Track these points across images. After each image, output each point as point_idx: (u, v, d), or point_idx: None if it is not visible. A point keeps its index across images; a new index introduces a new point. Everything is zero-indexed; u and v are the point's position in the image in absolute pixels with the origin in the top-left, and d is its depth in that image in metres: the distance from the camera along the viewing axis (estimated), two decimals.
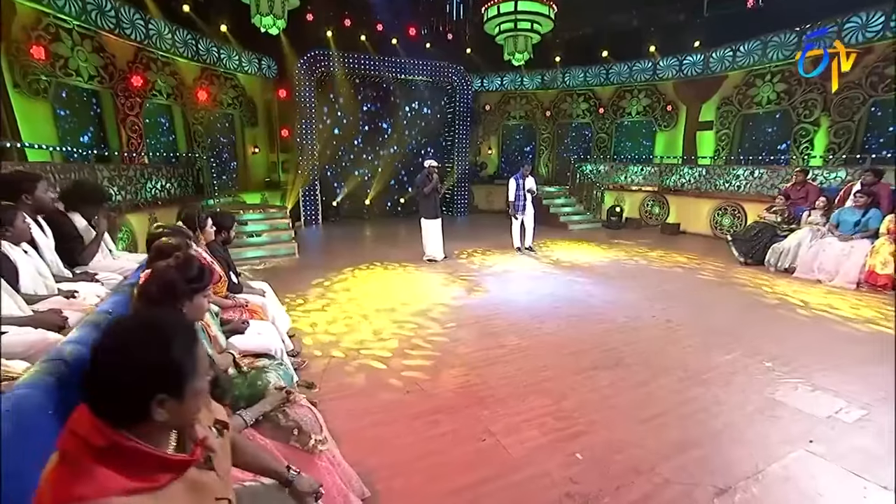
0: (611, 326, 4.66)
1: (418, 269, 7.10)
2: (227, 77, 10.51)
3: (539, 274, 6.79)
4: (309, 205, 11.59)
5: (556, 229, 10.53)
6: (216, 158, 10.70)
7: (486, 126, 14.21)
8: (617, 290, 5.91)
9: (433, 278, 6.51)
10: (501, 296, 5.70)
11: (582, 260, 7.67)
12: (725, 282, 6.26)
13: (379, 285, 6.13)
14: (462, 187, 13.37)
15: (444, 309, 5.21)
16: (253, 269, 7.08)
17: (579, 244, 8.86)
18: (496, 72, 13.42)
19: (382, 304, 5.33)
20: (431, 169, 7.07)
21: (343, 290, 5.93)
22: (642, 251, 8.41)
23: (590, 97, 12.99)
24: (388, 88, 12.43)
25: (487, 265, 7.28)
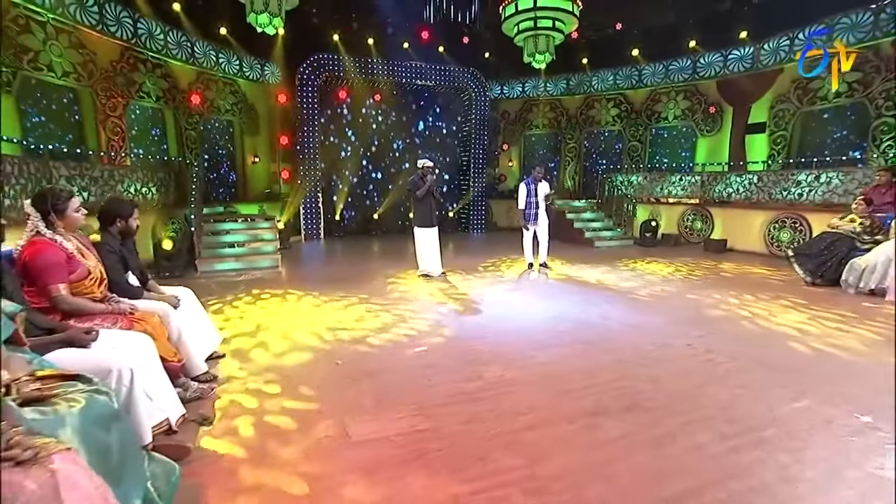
0: (628, 356, 3.64)
1: (406, 284, 6.29)
2: (225, 82, 10.30)
3: (549, 292, 5.84)
4: (310, 218, 11.23)
5: (580, 246, 9.75)
6: (212, 166, 10.43)
7: (506, 136, 13.63)
8: (643, 313, 4.86)
9: (421, 295, 5.68)
10: (497, 316, 4.78)
11: (605, 278, 6.67)
12: (789, 306, 5.08)
13: (355, 302, 5.33)
14: (479, 202, 12.74)
15: (422, 329, 4.33)
16: (228, 281, 6.48)
17: (605, 262, 7.94)
18: (517, 77, 12.96)
19: (347, 323, 4.51)
20: (426, 169, 6.33)
21: (313, 306, 5.16)
22: (680, 269, 7.29)
23: (620, 102, 12.21)
24: (398, 95, 12.11)
25: (490, 282, 6.42)
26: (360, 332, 4.22)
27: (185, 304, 3.42)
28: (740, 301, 5.28)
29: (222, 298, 5.46)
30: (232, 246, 8.02)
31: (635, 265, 7.66)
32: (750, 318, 4.65)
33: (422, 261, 6.62)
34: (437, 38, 11.87)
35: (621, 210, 10.60)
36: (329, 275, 7.27)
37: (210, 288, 6.06)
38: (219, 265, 7.38)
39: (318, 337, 4.10)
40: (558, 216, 10.44)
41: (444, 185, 12.91)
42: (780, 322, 4.49)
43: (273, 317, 4.71)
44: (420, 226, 6.50)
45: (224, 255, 7.68)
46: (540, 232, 7.18)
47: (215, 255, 7.62)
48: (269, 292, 5.77)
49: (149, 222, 7.56)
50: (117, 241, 3.14)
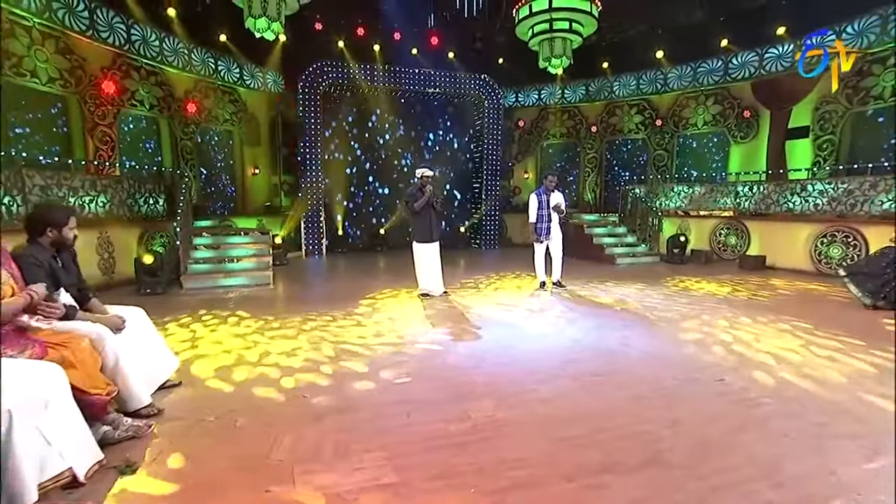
0: (647, 392, 3.17)
1: (404, 304, 5.93)
2: (225, 90, 10.29)
3: (562, 314, 5.38)
4: (311, 233, 11.09)
5: (600, 264, 9.28)
6: (210, 178, 10.36)
7: (521, 146, 13.35)
8: (667, 340, 4.38)
9: (417, 316, 5.32)
10: (498, 341, 4.36)
11: (626, 299, 6.19)
12: (844, 335, 4.51)
13: (342, 324, 4.99)
14: (492, 217, 12.45)
15: (411, 355, 3.94)
16: (215, 299, 6.26)
17: (627, 281, 7.53)
18: (532, 84, 12.75)
19: (328, 348, 4.15)
20: (424, 179, 6.01)
21: (294, 327, 4.83)
22: (713, 289, 6.74)
23: (644, 108, 11.87)
24: (405, 103, 12.01)
25: (497, 302, 6.02)
26: (340, 359, 3.85)
27: (132, 327, 3.11)
28: (786, 327, 4.74)
29: (198, 317, 5.18)
30: (222, 261, 7.83)
31: (662, 285, 7.18)
32: (797, 347, 4.11)
33: (422, 279, 6.29)
34: (447, 43, 11.73)
35: (646, 224, 10.13)
36: (322, 293, 7.02)
37: (191, 306, 5.80)
38: (206, 282, 7.19)
39: (290, 364, 3.74)
40: (576, 231, 10.16)
41: (454, 198, 12.73)
42: (833, 354, 3.95)
43: (247, 339, 4.39)
44: (420, 241, 6.16)
45: (213, 271, 7.51)
46: (553, 247, 6.76)
47: (203, 271, 7.46)
48: (251, 311, 5.47)
49: (134, 235, 7.43)
50: (47, 252, 2.85)
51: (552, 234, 6.66)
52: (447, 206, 12.31)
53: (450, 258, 10.14)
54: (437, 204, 6.13)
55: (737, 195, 9.42)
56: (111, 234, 6.90)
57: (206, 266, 7.63)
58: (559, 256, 6.79)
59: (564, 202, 6.64)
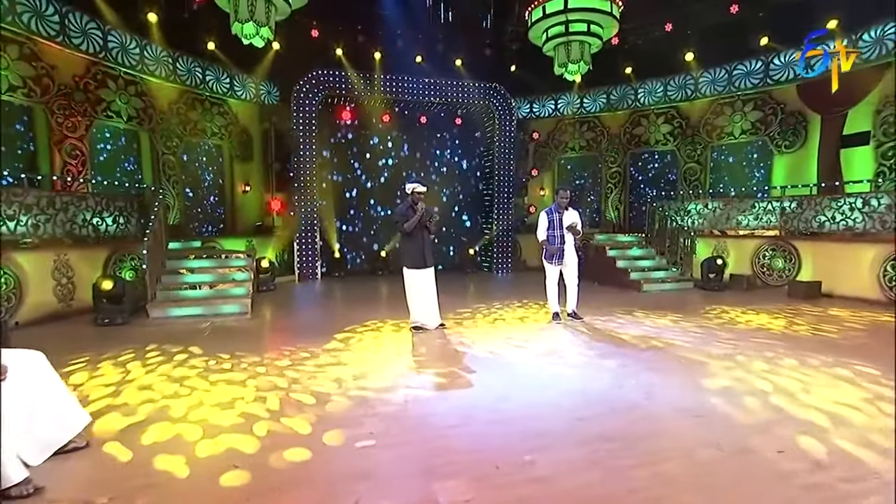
0: (678, 471, 2.47)
1: (390, 339, 5.36)
2: (213, 102, 10.09)
3: (575, 353, 4.72)
4: (306, 256, 10.71)
5: (624, 291, 8.69)
6: (196, 195, 10.09)
7: (535, 160, 13.02)
8: (705, 390, 3.66)
9: (402, 355, 4.73)
10: (493, 391, 3.71)
11: (654, 333, 5.47)
12: None
13: (311, 365, 4.42)
14: (505, 237, 12.01)
15: (381, 409, 3.33)
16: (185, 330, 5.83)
17: (655, 311, 6.85)
18: (548, 93, 12.47)
19: (271, 398, 3.55)
20: (416, 195, 5.50)
21: (251, 370, 4.27)
22: (760, 321, 5.97)
23: (673, 117, 11.48)
24: (408, 116, 11.82)
25: (500, 337, 5.38)
26: (284, 414, 3.24)
27: (21, 377, 2.56)
28: (864, 373, 3.96)
29: (142, 353, 4.64)
30: (196, 288, 7.43)
31: (696, 315, 6.47)
32: (885, 399, 3.35)
33: (414, 310, 5.70)
34: (455, 50, 11.50)
35: (676, 245, 9.52)
36: (301, 324, 6.52)
37: (146, 339, 5.30)
38: (176, 310, 6.78)
39: (219, 421, 3.14)
40: (598, 253, 9.71)
41: (462, 219, 12.41)
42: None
43: (183, 385, 3.83)
44: (411, 266, 5.60)
45: (184, 298, 7.16)
46: (568, 273, 6.16)
47: (174, 298, 7.11)
48: (208, 347, 4.95)
49: (100, 258, 7.04)
50: None
51: (566, 258, 6.07)
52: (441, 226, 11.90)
53: (456, 283, 10.03)
54: (431, 224, 5.60)
55: (783, 212, 8.78)
56: (70, 257, 6.52)
57: (178, 293, 7.25)
58: (575, 284, 6.17)
59: (581, 221, 6.06)
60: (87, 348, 4.67)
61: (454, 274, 11.40)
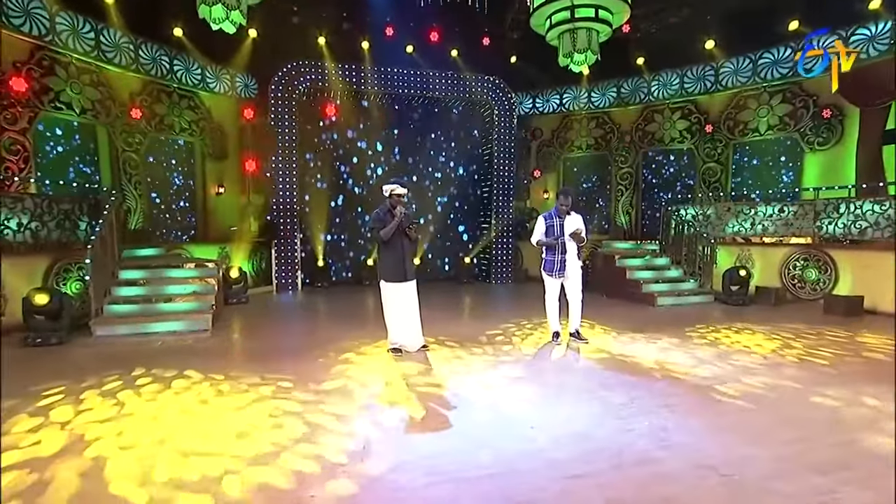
0: None
1: (363, 364, 4.81)
2: (182, 95, 9.64)
3: (576, 385, 4.19)
4: (284, 264, 10.39)
5: (636, 305, 8.29)
6: (163, 197, 9.64)
7: (539, 160, 12.72)
8: (732, 433, 3.08)
9: (371, 385, 4.17)
10: (470, 437, 3.14)
11: (669, 358, 4.92)
12: None
13: (265, 396, 3.87)
14: (504, 244, 11.70)
15: (333, 459, 2.77)
16: (133, 351, 5.36)
17: (671, 329, 6.34)
18: (552, 86, 12.17)
19: (223, 440, 3.01)
20: (395, 198, 4.99)
21: (197, 402, 3.74)
22: (793, 344, 5.39)
23: (690, 112, 11.05)
24: (399, 111, 11.45)
25: (490, 362, 4.85)
26: (229, 462, 2.69)
27: None
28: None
29: (77, 386, 4.09)
30: (151, 301, 6.98)
31: (718, 336, 5.92)
32: None
33: (393, 330, 5.23)
34: (450, 40, 11.10)
35: (695, 254, 9.16)
36: (268, 345, 5.95)
37: (82, 366, 4.78)
38: (126, 327, 6.30)
39: (151, 470, 2.58)
40: (606, 263, 9.36)
41: (458, 224, 12.08)
42: None
43: (128, 421, 3.32)
44: (389, 280, 5.13)
45: (137, 314, 6.67)
46: (570, 287, 5.63)
47: (124, 314, 6.62)
48: (156, 374, 4.42)
49: (40, 267, 6.53)
50: None
51: (568, 270, 5.54)
52: (434, 234, 11.70)
53: (448, 295, 9.66)
54: (412, 231, 5.11)
55: (816, 216, 8.24)
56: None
57: (129, 307, 6.78)
58: (578, 299, 5.63)
59: (585, 228, 5.55)
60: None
61: (448, 285, 11.05)
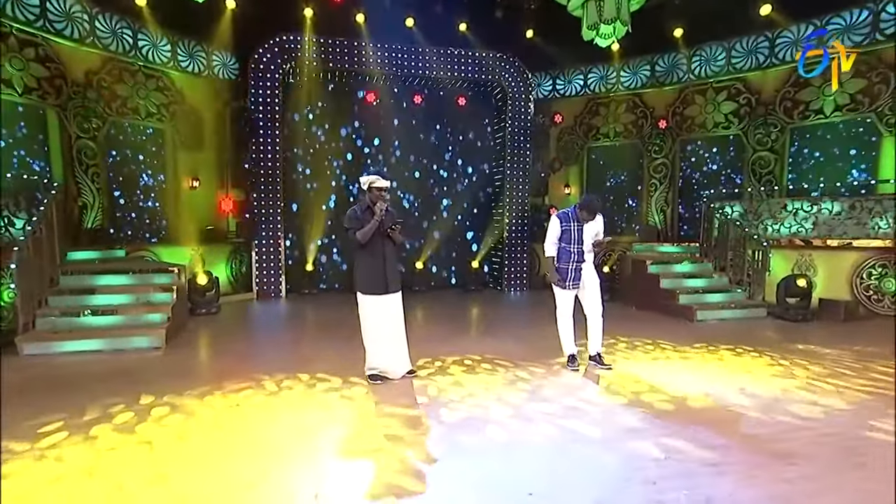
0: None
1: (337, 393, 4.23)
2: (149, 74, 9.15)
3: (593, 430, 3.44)
4: (267, 268, 10.09)
5: (672, 320, 7.83)
6: (125, 191, 9.18)
7: (559, 151, 12.24)
8: None
9: (333, 425, 3.58)
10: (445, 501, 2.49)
11: (716, 391, 4.24)
12: None
13: (206, 434, 3.29)
14: (517, 247, 11.33)
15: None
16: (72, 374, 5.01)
17: (714, 351, 5.77)
18: (575, 65, 11.66)
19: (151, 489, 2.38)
20: (376, 193, 4.45)
21: (128, 441, 3.12)
22: (875, 378, 4.62)
23: (739, 92, 10.32)
24: (398, 94, 11.09)
25: (487, 396, 4.29)
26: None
27: None
28: None
29: None
30: (96, 313, 6.51)
31: (774, 361, 5.28)
32: None
33: (371, 352, 4.68)
34: (457, 12, 10.54)
35: (743, 260, 8.67)
36: (226, 366, 5.48)
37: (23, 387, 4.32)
38: (64, 344, 5.85)
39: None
40: (636, 269, 8.95)
41: (465, 225, 11.64)
42: None
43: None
44: (367, 291, 4.58)
45: (79, 328, 6.27)
46: (587, 299, 5.03)
47: (63, 328, 6.18)
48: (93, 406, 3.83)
49: None
50: None
51: (584, 279, 4.98)
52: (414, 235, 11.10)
53: (451, 306, 9.19)
54: (396, 232, 4.59)
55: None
56: None
57: (68, 320, 6.34)
58: (598, 314, 5.04)
59: (604, 231, 5.10)
60: None
61: (453, 294, 10.70)
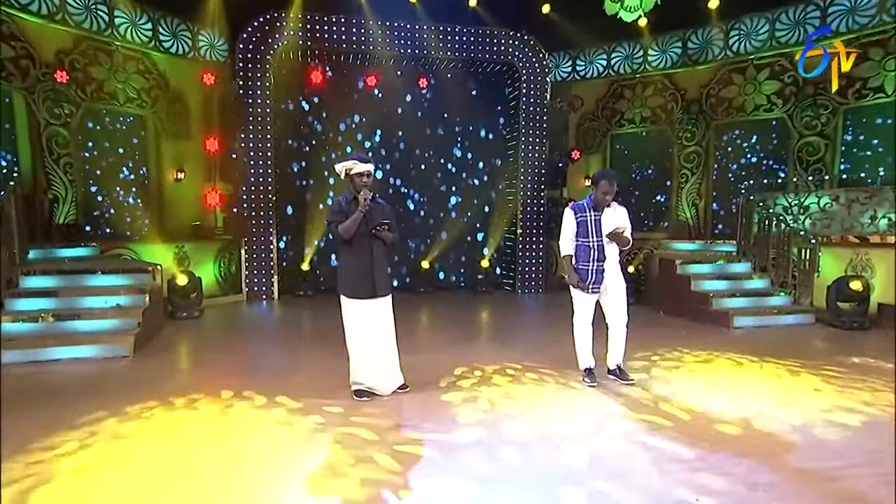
0: None
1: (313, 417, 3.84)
2: (128, 56, 8.96)
3: (611, 460, 3.06)
4: (258, 267, 9.93)
5: (704, 327, 7.55)
6: (102, 183, 9.07)
7: (579, 138, 12.00)
8: None
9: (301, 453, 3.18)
10: None
11: (757, 416, 3.86)
12: None
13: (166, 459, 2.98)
14: (531, 244, 11.06)
15: None
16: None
17: (755, 365, 5.41)
18: (597, 44, 11.43)
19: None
20: (359, 181, 4.18)
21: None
22: None
23: (783, 69, 9.90)
24: (401, 77, 10.92)
25: (483, 417, 3.94)
26: None
27: None
28: None
29: None
30: (53, 318, 6.22)
31: (827, 377, 4.90)
32: None
33: (356, 364, 4.36)
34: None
35: (787, 259, 8.34)
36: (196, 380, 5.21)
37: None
38: (16, 353, 5.60)
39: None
40: (664, 269, 8.73)
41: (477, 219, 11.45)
42: None
43: None
44: (351, 295, 4.30)
45: (34, 335, 6.04)
46: (610, 305, 4.70)
47: (15, 335, 5.92)
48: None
49: None
50: None
51: (607, 282, 4.65)
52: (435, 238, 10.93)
53: (455, 310, 9.01)
54: (384, 228, 4.26)
55: None
56: None
57: (27, 326, 6.08)
58: (621, 323, 4.71)
59: (629, 226, 4.74)
60: None
61: (461, 295, 10.53)
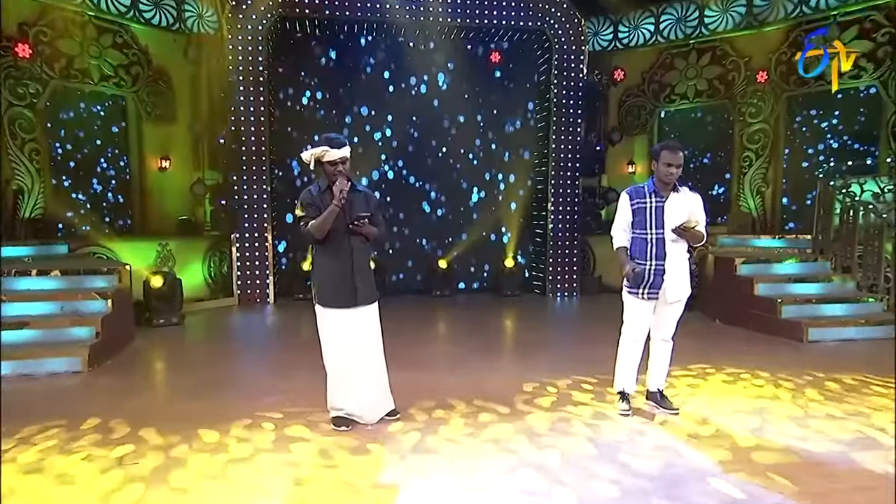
0: None
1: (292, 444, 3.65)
2: (104, 28, 8.88)
3: None
4: (251, 267, 9.82)
5: (771, 339, 7.18)
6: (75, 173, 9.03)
7: (621, 117, 11.71)
8: None
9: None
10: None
11: (839, 454, 3.54)
12: None
13: None
14: (566, 240, 10.70)
15: None
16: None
17: (838, 390, 5.01)
18: (644, 6, 11.21)
19: None
20: (334, 170, 3.96)
21: None
22: None
23: (874, 27, 9.32)
24: (413, 51, 10.67)
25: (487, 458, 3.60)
26: None
27: None
28: None
29: None
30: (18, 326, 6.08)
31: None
32: None
33: (334, 387, 4.14)
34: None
35: (877, 258, 7.86)
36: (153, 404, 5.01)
37: None
38: None
39: None
40: (720, 270, 8.32)
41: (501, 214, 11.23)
42: None
43: None
44: (327, 304, 4.11)
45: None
46: (661, 313, 4.29)
47: None
48: None
49: None
50: None
51: (668, 286, 4.19)
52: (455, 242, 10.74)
53: (471, 319, 8.81)
54: (366, 223, 4.06)
55: None
56: None
57: None
58: (667, 337, 4.35)
59: (704, 217, 4.29)
60: None
61: (481, 299, 10.31)
